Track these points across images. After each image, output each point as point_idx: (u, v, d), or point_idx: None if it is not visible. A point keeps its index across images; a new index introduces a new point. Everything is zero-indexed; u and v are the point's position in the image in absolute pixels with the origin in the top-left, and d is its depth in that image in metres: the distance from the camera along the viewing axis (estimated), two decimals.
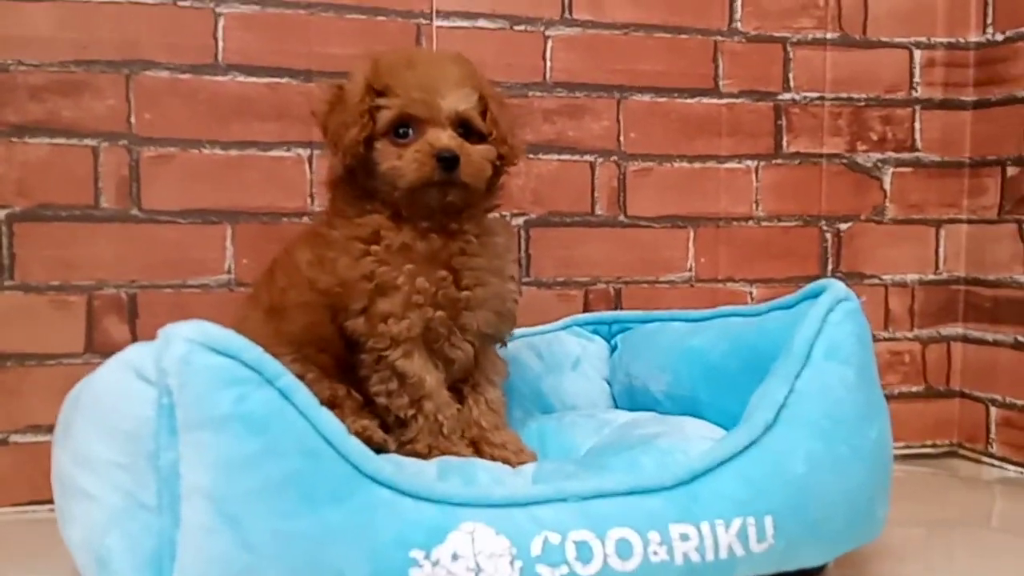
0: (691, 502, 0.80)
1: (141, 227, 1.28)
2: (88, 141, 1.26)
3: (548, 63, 1.44)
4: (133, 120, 1.28)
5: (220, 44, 1.30)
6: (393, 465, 0.76)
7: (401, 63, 1.00)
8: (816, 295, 0.99)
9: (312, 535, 0.68)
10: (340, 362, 1.04)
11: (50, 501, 1.21)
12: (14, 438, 1.26)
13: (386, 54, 1.02)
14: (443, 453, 1.00)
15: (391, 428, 1.03)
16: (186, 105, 1.29)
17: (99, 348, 1.27)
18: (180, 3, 1.28)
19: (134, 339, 1.28)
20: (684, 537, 0.78)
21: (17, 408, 1.25)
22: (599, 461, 0.94)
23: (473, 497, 0.75)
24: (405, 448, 1.01)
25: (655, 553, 0.76)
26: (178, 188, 1.29)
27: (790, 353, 0.93)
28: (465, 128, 0.99)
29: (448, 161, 0.95)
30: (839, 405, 0.90)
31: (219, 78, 1.30)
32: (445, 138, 0.96)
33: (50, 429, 1.24)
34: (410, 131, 0.98)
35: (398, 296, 0.98)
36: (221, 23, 1.30)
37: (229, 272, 1.32)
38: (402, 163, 0.96)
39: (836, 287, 0.97)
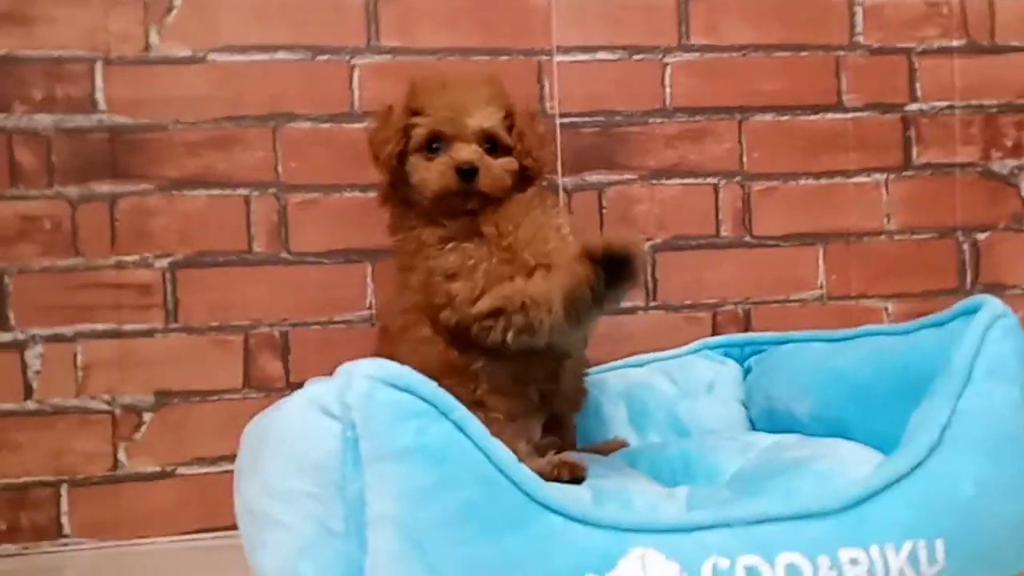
0: (859, 526, 0.79)
1: (290, 269, 1.36)
2: (241, 191, 1.35)
3: (667, 89, 1.46)
4: (280, 169, 1.36)
5: (356, 93, 1.38)
6: (560, 492, 0.79)
7: (435, 86, 1.10)
8: (972, 312, 0.96)
9: (493, 562, 0.71)
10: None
11: (216, 529, 1.32)
12: (181, 470, 1.34)
13: (425, 79, 1.13)
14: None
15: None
16: (327, 152, 1.37)
17: (256, 383, 1.35)
18: (319, 58, 1.36)
19: (287, 374, 1.36)
20: (854, 562, 0.77)
21: (183, 442, 1.34)
22: (753, 485, 0.94)
23: (640, 523, 0.76)
24: None
25: None
26: (322, 231, 1.37)
27: (949, 373, 0.91)
28: (491, 143, 1.08)
29: (467, 173, 1.05)
30: (1005, 424, 0.88)
31: (356, 125, 1.37)
32: (466, 152, 1.06)
33: (214, 461, 1.34)
34: (440, 146, 1.08)
35: (463, 272, 1.05)
36: (356, 74, 1.38)
37: (370, 308, 1.38)
38: (429, 174, 1.07)
39: (993, 303, 0.95)
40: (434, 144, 1.08)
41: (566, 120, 1.44)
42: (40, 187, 1.31)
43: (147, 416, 1.33)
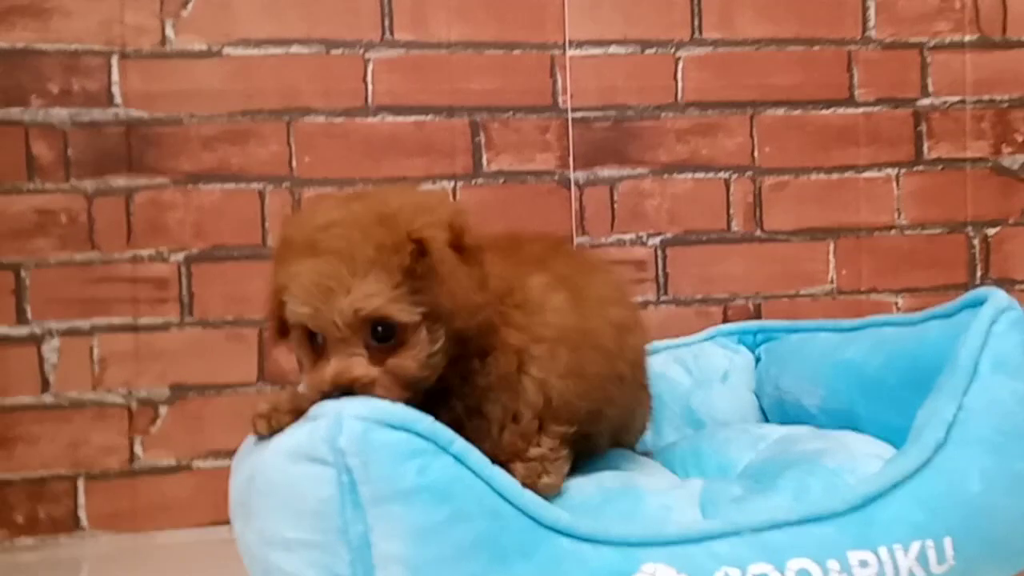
0: (867, 527, 0.80)
1: None
2: (255, 185, 1.36)
3: (680, 83, 1.46)
4: (294, 163, 1.37)
5: (370, 87, 1.38)
6: (570, 510, 0.78)
7: (296, 247, 0.76)
8: (977, 304, 0.97)
9: None
10: None
11: (229, 522, 1.33)
12: (196, 463, 1.36)
13: (289, 228, 0.80)
14: None
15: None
16: (341, 146, 1.38)
17: (270, 377, 1.36)
18: (333, 52, 1.37)
19: (300, 368, 1.36)
20: (863, 564, 0.78)
21: (199, 435, 1.35)
22: (764, 482, 0.95)
23: (649, 536, 0.76)
24: None
25: None
26: None
27: (955, 368, 0.92)
28: (384, 326, 0.75)
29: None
30: (1011, 419, 0.89)
31: (370, 119, 1.38)
32: (333, 371, 0.75)
33: (229, 454, 1.34)
34: (317, 336, 0.77)
35: None
36: (370, 68, 1.38)
37: None
38: (309, 383, 0.78)
39: (998, 296, 0.95)
40: (312, 333, 0.77)
41: (578, 114, 1.44)
42: (57, 181, 1.32)
43: (163, 409, 1.35)
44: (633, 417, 1.11)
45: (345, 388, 0.74)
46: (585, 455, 0.99)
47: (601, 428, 1.00)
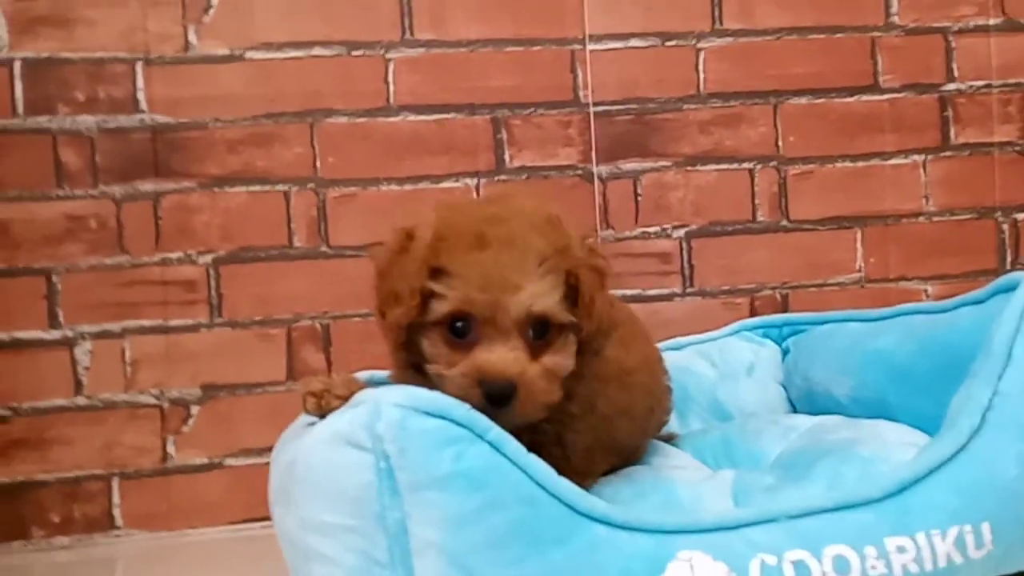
0: (904, 514, 0.79)
1: (330, 262, 1.38)
2: (280, 187, 1.37)
3: (701, 75, 1.46)
4: (318, 164, 1.38)
5: (391, 87, 1.39)
6: (604, 500, 0.78)
7: (467, 239, 0.76)
8: (1009, 289, 0.96)
9: None
10: None
11: (263, 519, 1.33)
12: (228, 461, 1.37)
13: (454, 217, 0.79)
14: None
15: None
16: (364, 146, 1.38)
17: (299, 375, 1.37)
18: (353, 53, 1.38)
19: (329, 366, 1.38)
20: (901, 550, 0.77)
21: (229, 434, 1.37)
22: (797, 471, 0.95)
23: (685, 524, 0.76)
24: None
25: (873, 567, 0.76)
26: (361, 224, 1.38)
27: (990, 353, 0.91)
28: (542, 326, 0.77)
29: (497, 398, 0.74)
30: None
31: (392, 119, 1.39)
32: (499, 359, 0.74)
33: (260, 452, 1.36)
34: (468, 328, 0.76)
35: None
36: (391, 68, 1.39)
37: None
38: (447, 376, 0.76)
39: None
40: (459, 323, 0.76)
41: (599, 108, 1.44)
42: (85, 187, 1.34)
43: (194, 409, 1.36)
44: (652, 417, 1.09)
45: (504, 385, 0.74)
46: None
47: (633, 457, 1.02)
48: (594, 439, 0.86)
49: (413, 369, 0.81)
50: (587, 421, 0.84)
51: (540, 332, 0.77)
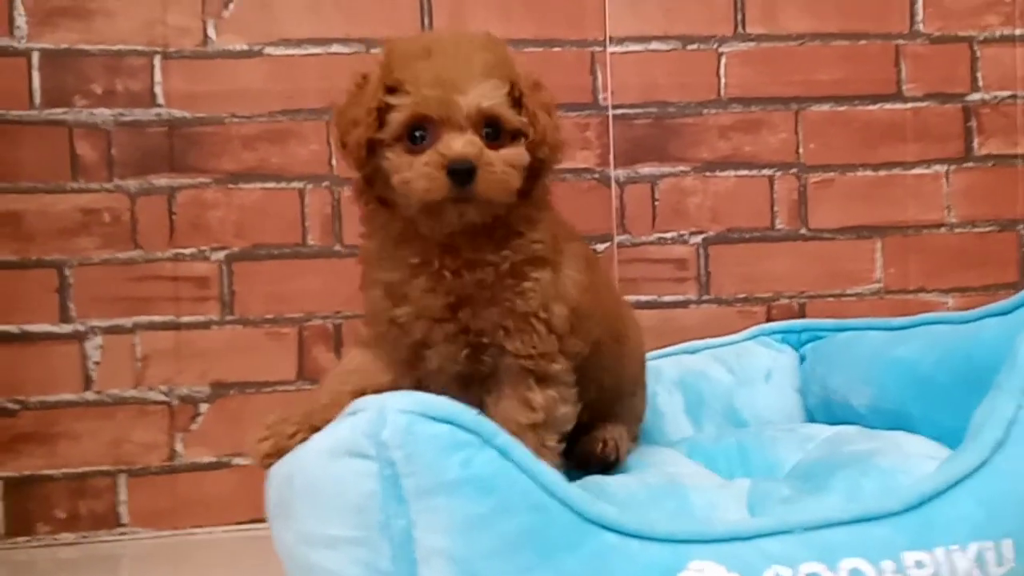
0: (923, 528, 0.77)
1: (343, 261, 1.37)
2: (295, 184, 1.36)
3: (722, 79, 1.44)
4: (333, 162, 1.37)
5: None
6: (615, 506, 0.77)
7: (415, 52, 0.83)
8: None
9: None
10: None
11: None
12: (236, 460, 1.36)
13: (402, 42, 0.86)
14: None
15: None
16: None
17: (309, 375, 1.36)
18: (373, 51, 1.37)
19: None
20: (919, 564, 0.75)
21: (239, 432, 1.35)
22: (814, 482, 0.93)
23: (697, 533, 0.74)
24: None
25: None
26: None
27: (1015, 365, 0.89)
28: (493, 128, 0.82)
29: (461, 174, 0.78)
30: None
31: None
32: (459, 144, 0.79)
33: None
34: (425, 135, 0.81)
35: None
36: None
37: None
38: (411, 175, 0.79)
39: None
40: (417, 132, 0.81)
41: (619, 111, 1.42)
42: (100, 180, 1.33)
43: (203, 407, 1.35)
44: (630, 397, 1.11)
45: (466, 162, 0.78)
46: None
47: (604, 388, 1.01)
48: (568, 297, 0.88)
49: (378, 202, 0.86)
50: (553, 263, 0.87)
51: (493, 135, 0.82)
